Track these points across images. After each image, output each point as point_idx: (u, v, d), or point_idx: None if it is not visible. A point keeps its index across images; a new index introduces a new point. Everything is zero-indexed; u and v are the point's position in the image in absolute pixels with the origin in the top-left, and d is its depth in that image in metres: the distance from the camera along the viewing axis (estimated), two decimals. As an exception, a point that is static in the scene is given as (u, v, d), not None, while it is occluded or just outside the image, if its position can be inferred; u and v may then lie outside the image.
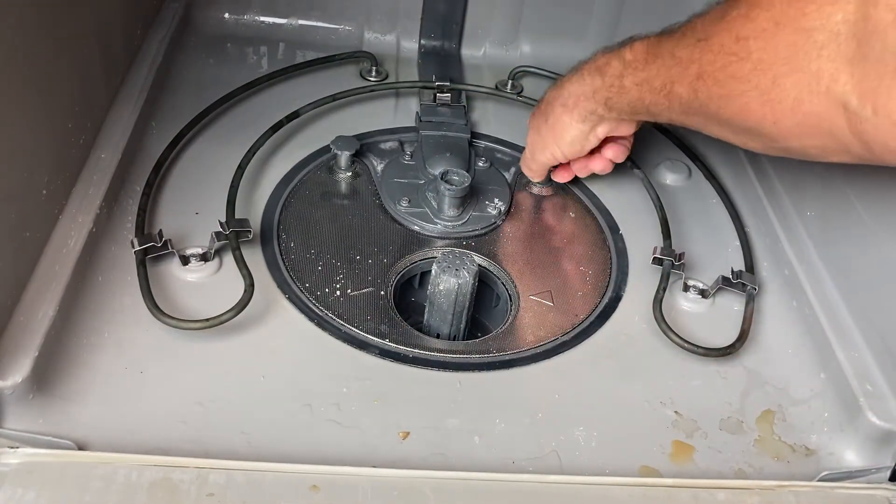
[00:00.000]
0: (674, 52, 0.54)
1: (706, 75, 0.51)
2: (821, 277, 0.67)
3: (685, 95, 0.53)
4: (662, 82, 0.56)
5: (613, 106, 0.63)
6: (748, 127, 0.50)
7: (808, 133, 0.46)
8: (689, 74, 0.52)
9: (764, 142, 0.51)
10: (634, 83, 0.59)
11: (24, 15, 0.53)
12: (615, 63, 0.61)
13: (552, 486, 0.50)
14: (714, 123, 0.54)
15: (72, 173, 0.63)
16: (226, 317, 0.56)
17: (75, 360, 0.55)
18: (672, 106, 0.56)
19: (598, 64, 0.63)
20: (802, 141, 0.48)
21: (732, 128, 0.52)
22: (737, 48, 0.48)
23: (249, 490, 0.46)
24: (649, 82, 0.57)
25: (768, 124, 0.48)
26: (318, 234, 0.68)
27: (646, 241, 0.71)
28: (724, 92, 0.50)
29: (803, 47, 0.43)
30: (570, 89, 0.66)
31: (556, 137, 0.68)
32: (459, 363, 0.60)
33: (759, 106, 0.47)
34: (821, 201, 0.70)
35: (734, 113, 0.50)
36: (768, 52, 0.46)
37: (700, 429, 0.58)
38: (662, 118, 0.59)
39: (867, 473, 0.55)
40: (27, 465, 0.46)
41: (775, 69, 0.45)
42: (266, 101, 0.83)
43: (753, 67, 0.47)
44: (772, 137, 0.49)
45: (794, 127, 0.47)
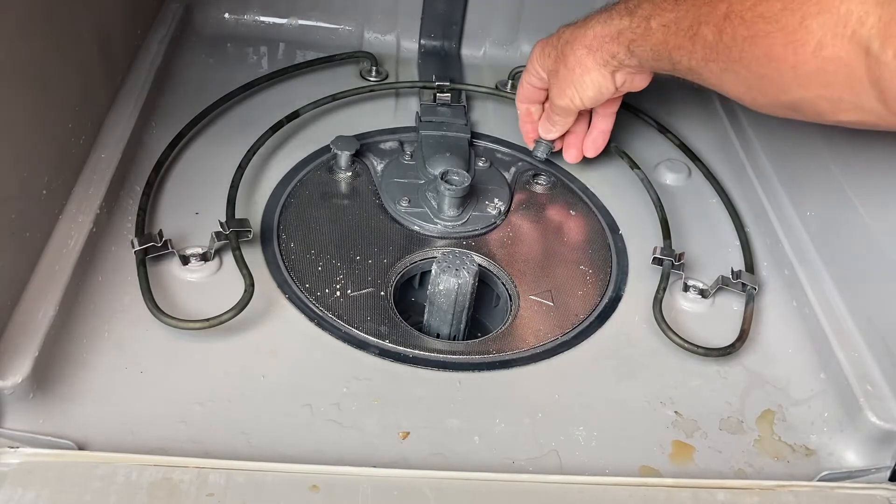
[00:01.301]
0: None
1: (734, 14, 0.51)
2: (821, 277, 0.67)
3: (710, 37, 0.53)
4: (690, 23, 0.55)
5: (636, 50, 0.62)
6: (766, 72, 0.50)
7: (825, 80, 0.47)
8: (718, 14, 0.52)
9: (776, 91, 0.51)
10: (661, 24, 0.58)
11: (25, 15, 0.53)
12: (646, 4, 0.60)
13: (552, 486, 0.50)
14: (731, 70, 0.53)
15: (72, 173, 0.63)
16: (226, 317, 0.56)
17: (75, 360, 0.55)
18: (695, 49, 0.56)
19: (629, 5, 0.62)
20: (817, 90, 0.48)
21: (749, 74, 0.52)
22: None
23: (249, 490, 0.46)
24: (677, 23, 0.57)
25: (787, 67, 0.48)
26: (318, 234, 0.68)
27: (646, 241, 0.71)
28: (750, 33, 0.50)
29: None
30: (595, 30, 0.64)
31: (576, 81, 0.67)
32: (459, 363, 0.60)
33: (782, 48, 0.48)
34: (821, 201, 0.70)
35: (755, 56, 0.50)
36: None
37: (700, 429, 0.58)
38: (682, 66, 0.59)
39: (867, 473, 0.55)
40: (27, 465, 0.46)
41: (805, 8, 0.46)
42: (266, 101, 0.83)
43: (783, 7, 0.47)
44: (787, 84, 0.49)
45: (813, 73, 0.47)
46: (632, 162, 0.79)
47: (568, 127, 0.74)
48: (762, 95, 0.53)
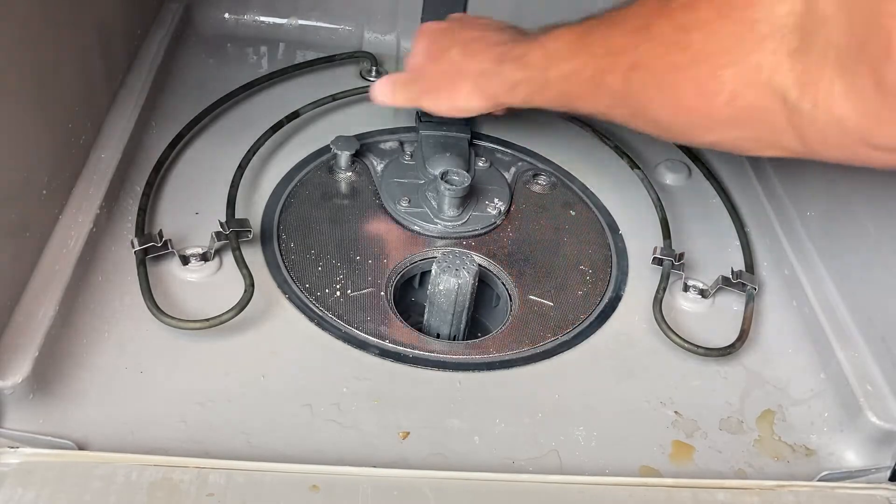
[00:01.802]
0: (607, 40, 0.52)
1: (641, 65, 0.49)
2: (821, 277, 0.67)
3: (616, 86, 0.51)
4: (593, 72, 0.53)
5: (532, 101, 0.60)
6: (679, 120, 0.49)
7: (742, 126, 0.45)
8: (623, 64, 0.50)
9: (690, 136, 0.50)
10: (560, 75, 0.56)
11: (25, 15, 0.53)
12: (536, 54, 0.58)
13: (552, 486, 0.50)
14: (641, 116, 0.52)
15: (72, 173, 0.63)
16: (226, 317, 0.56)
17: (75, 360, 0.55)
18: (599, 97, 0.53)
19: (515, 54, 0.59)
20: (735, 133, 0.47)
21: (660, 121, 0.50)
22: (677, 38, 0.46)
23: (249, 490, 0.46)
24: (578, 73, 0.54)
25: (700, 116, 0.47)
26: (318, 234, 0.68)
27: (646, 241, 0.71)
28: (659, 83, 0.48)
29: (746, 38, 0.42)
30: (488, 79, 0.61)
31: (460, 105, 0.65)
32: (459, 363, 0.60)
33: (694, 98, 0.46)
34: (821, 201, 0.70)
35: (666, 105, 0.48)
36: (710, 42, 0.44)
37: (700, 429, 0.58)
38: (585, 110, 0.57)
39: (867, 473, 0.55)
40: (27, 465, 0.46)
41: (715, 60, 0.44)
42: (266, 101, 0.82)
43: (693, 58, 0.45)
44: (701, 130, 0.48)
45: (728, 119, 0.45)
46: (632, 162, 0.79)
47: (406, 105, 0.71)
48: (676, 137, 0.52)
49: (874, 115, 0.38)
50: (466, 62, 0.63)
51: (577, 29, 0.55)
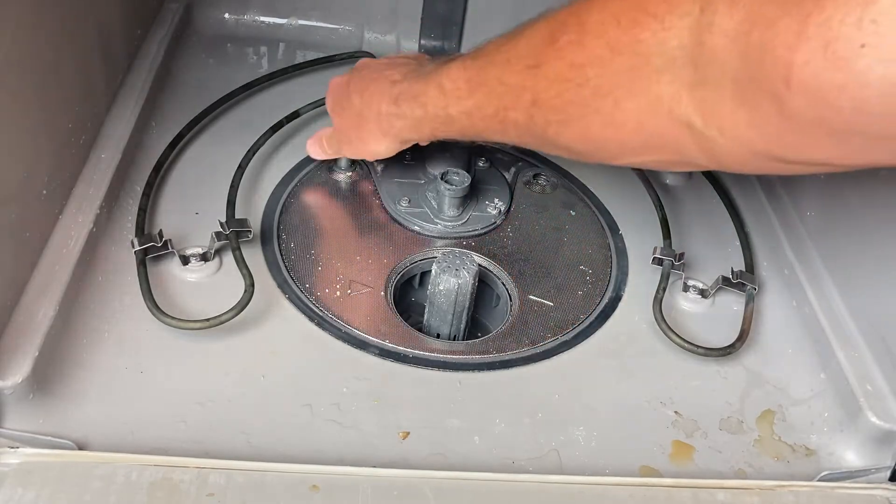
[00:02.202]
0: (501, 78, 0.51)
1: (542, 102, 0.48)
2: (821, 277, 0.67)
3: (521, 120, 0.50)
4: (495, 109, 0.52)
5: (440, 134, 0.60)
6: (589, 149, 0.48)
7: (655, 151, 0.45)
8: (524, 101, 0.49)
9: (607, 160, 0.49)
10: (462, 112, 0.55)
11: (24, 15, 0.53)
12: (433, 92, 0.57)
13: (552, 486, 0.50)
14: (552, 146, 0.51)
15: (72, 173, 0.63)
16: (226, 317, 0.56)
17: (75, 360, 0.55)
18: (507, 131, 0.53)
19: (412, 94, 0.59)
20: (647, 157, 0.46)
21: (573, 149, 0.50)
22: (572, 75, 0.45)
23: (249, 490, 0.46)
24: (480, 110, 0.54)
25: (612, 144, 0.47)
26: (319, 234, 0.68)
27: (646, 241, 0.71)
28: (563, 117, 0.47)
29: (642, 72, 0.42)
30: (390, 122, 0.61)
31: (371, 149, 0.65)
32: (459, 363, 0.60)
33: (601, 129, 0.46)
34: (821, 201, 0.70)
35: (575, 136, 0.48)
36: (607, 77, 0.44)
37: (700, 429, 0.58)
38: (493, 140, 0.56)
39: (867, 473, 0.55)
40: (27, 465, 0.46)
41: (616, 93, 0.44)
42: (266, 101, 0.83)
43: (593, 93, 0.45)
44: (613, 155, 0.48)
45: (640, 146, 0.45)
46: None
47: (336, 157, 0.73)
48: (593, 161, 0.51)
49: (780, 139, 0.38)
50: (365, 108, 0.63)
51: (472, 65, 0.54)
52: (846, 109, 0.34)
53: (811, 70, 0.34)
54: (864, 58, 0.32)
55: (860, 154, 0.38)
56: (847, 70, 0.33)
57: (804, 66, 0.34)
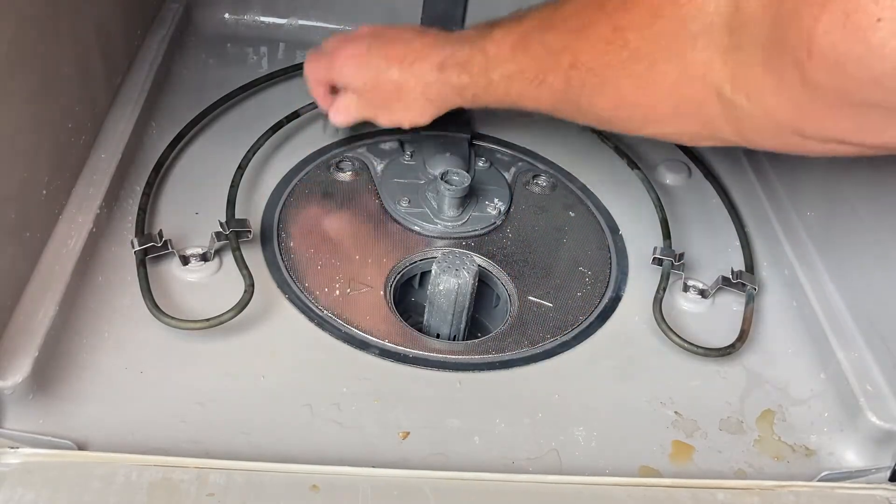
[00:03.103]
0: (544, 41, 0.53)
1: (580, 64, 0.50)
2: (821, 277, 0.67)
3: (558, 85, 0.52)
4: (535, 72, 0.54)
5: (480, 101, 0.61)
6: (620, 115, 0.50)
7: (681, 119, 0.47)
8: (563, 63, 0.51)
9: (633, 129, 0.51)
10: (504, 76, 0.57)
11: (24, 15, 0.53)
12: (479, 58, 0.58)
13: (552, 486, 0.50)
14: (584, 113, 0.53)
15: (72, 173, 0.63)
16: (226, 317, 0.56)
17: (75, 360, 0.55)
18: (542, 97, 0.55)
19: (459, 59, 0.60)
20: (674, 127, 0.48)
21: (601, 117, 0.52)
22: (614, 37, 0.47)
23: (249, 490, 0.46)
24: (521, 73, 0.55)
25: (641, 110, 0.48)
26: (319, 234, 0.68)
27: (646, 241, 0.71)
28: (599, 80, 0.49)
29: (679, 36, 0.44)
30: (436, 88, 0.62)
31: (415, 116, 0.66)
32: (459, 363, 0.60)
33: (634, 91, 0.47)
34: (821, 201, 0.70)
35: (607, 101, 0.50)
36: (646, 41, 0.46)
37: (700, 429, 0.58)
38: (529, 108, 0.58)
39: (867, 473, 0.55)
40: (27, 465, 0.46)
41: (653, 56, 0.46)
42: (266, 101, 0.83)
43: (630, 56, 0.47)
44: (642, 124, 0.49)
45: (670, 111, 0.47)
46: (632, 162, 0.79)
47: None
48: (620, 129, 0.53)
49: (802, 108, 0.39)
50: (410, 77, 0.64)
51: (517, 30, 0.56)
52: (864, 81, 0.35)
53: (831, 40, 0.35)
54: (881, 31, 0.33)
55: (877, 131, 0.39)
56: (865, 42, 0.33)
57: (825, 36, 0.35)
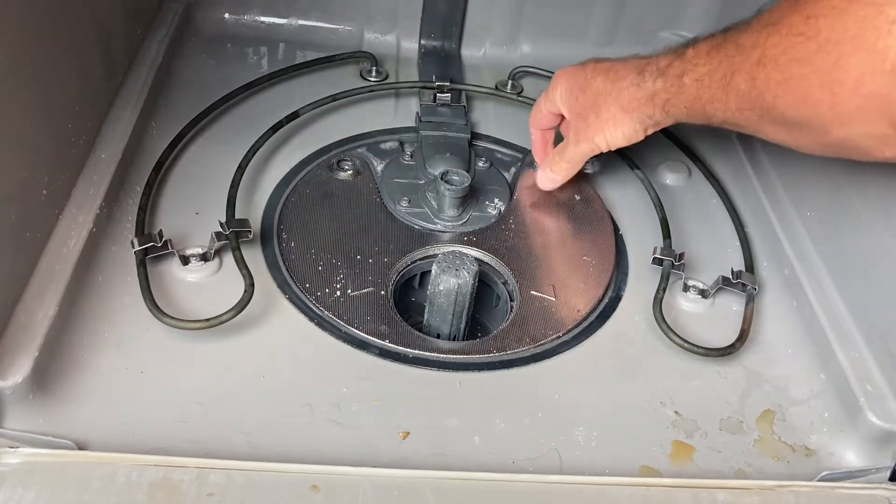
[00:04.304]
0: (738, 40, 0.54)
1: (767, 60, 0.50)
2: (821, 277, 0.67)
3: (743, 85, 0.53)
4: (723, 73, 0.55)
5: (671, 109, 0.62)
6: (803, 116, 0.50)
7: (867, 118, 0.46)
8: (751, 61, 0.52)
9: (817, 134, 0.50)
10: (694, 79, 0.58)
11: (25, 15, 0.53)
12: (677, 63, 0.60)
13: (552, 486, 0.50)
14: (768, 117, 0.53)
15: (72, 173, 0.63)
16: (226, 317, 0.56)
17: (75, 360, 0.55)
18: (728, 100, 0.55)
19: (660, 66, 0.62)
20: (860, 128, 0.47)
21: (787, 119, 0.51)
22: (805, 27, 0.47)
23: (249, 490, 0.46)
24: (710, 75, 0.56)
25: (825, 109, 0.47)
26: (318, 234, 0.68)
27: (646, 241, 0.71)
28: (784, 77, 0.49)
29: (873, 22, 0.43)
30: (630, 93, 0.64)
31: (608, 131, 0.66)
32: (459, 363, 0.60)
33: (818, 88, 0.47)
34: (821, 201, 0.70)
35: (791, 101, 0.50)
36: (836, 29, 0.45)
37: (700, 429, 0.58)
38: (717, 117, 0.58)
39: (867, 473, 0.55)
40: (27, 465, 0.46)
41: (841, 47, 0.45)
42: (266, 101, 0.83)
43: (818, 48, 0.46)
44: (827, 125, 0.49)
45: (853, 110, 0.46)
46: (632, 162, 0.79)
47: (575, 172, 0.73)
48: (803, 138, 0.52)
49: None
50: (609, 85, 0.65)
51: (718, 36, 0.57)
52: None
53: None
54: None
55: None
56: None
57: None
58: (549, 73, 0.90)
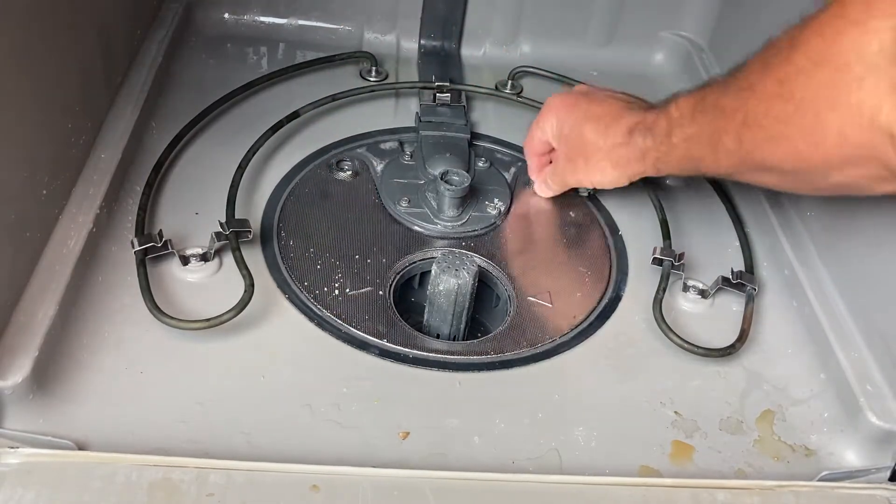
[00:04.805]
0: (719, 103, 0.55)
1: (751, 121, 0.51)
2: (821, 277, 0.67)
3: (731, 145, 0.54)
4: (710, 133, 0.56)
5: (662, 167, 0.63)
6: (797, 167, 0.50)
7: (858, 164, 0.47)
8: (735, 122, 0.53)
9: (814, 179, 0.51)
10: (682, 139, 0.59)
11: (25, 15, 0.53)
12: (662, 122, 0.61)
13: (552, 486, 0.50)
14: (761, 170, 0.54)
15: (72, 173, 0.63)
16: (226, 317, 0.56)
17: (75, 360, 0.55)
18: (719, 158, 0.56)
19: (647, 123, 0.63)
20: (854, 172, 0.48)
21: (780, 171, 0.52)
22: (779, 91, 0.48)
23: (249, 490, 0.46)
24: (698, 137, 0.57)
25: (817, 160, 0.48)
26: (318, 234, 0.68)
27: (646, 241, 0.71)
28: (769, 135, 0.50)
29: (842, 81, 0.44)
30: (620, 152, 0.65)
31: (596, 179, 0.68)
32: (459, 363, 0.60)
33: (805, 145, 0.48)
34: (821, 201, 0.70)
35: (780, 156, 0.50)
36: (809, 90, 0.46)
37: (700, 429, 0.58)
38: (710, 172, 0.59)
39: (867, 473, 0.55)
40: (27, 465, 0.46)
41: (816, 105, 0.46)
42: (266, 101, 0.82)
43: (796, 108, 0.47)
44: (821, 173, 0.49)
45: (842, 160, 0.47)
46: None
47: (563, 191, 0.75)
48: (800, 183, 0.54)
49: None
50: (599, 138, 0.66)
51: (696, 94, 0.58)
52: None
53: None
54: None
55: None
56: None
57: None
58: (549, 73, 0.91)
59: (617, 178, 0.67)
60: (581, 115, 0.68)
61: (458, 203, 0.70)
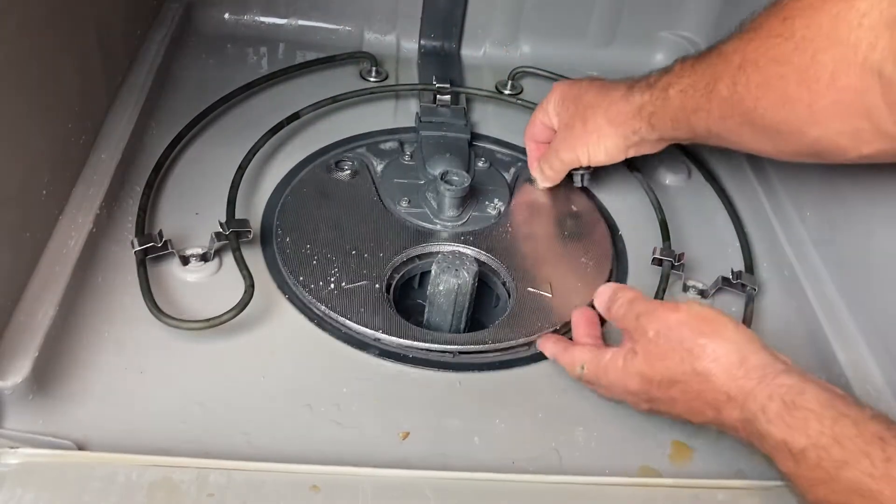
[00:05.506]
0: (721, 48, 0.56)
1: (748, 63, 0.52)
2: (820, 278, 0.67)
3: (725, 91, 0.55)
4: (707, 81, 0.57)
5: (656, 123, 0.63)
6: (781, 118, 0.51)
7: (842, 113, 0.48)
8: (732, 66, 0.54)
9: (795, 136, 0.52)
10: (679, 90, 0.60)
11: (25, 15, 0.53)
12: (665, 77, 0.62)
13: (552, 486, 0.50)
14: (748, 122, 0.55)
15: (72, 173, 0.63)
16: (226, 317, 0.56)
17: (75, 360, 0.55)
18: (711, 108, 0.57)
19: (649, 80, 0.63)
20: (835, 125, 0.49)
21: (766, 124, 0.53)
22: (782, 28, 0.50)
23: (249, 490, 0.46)
24: (694, 86, 0.58)
25: (803, 107, 0.49)
26: (318, 233, 0.68)
27: (645, 241, 0.71)
28: (763, 78, 0.51)
29: (845, 17, 0.45)
30: (619, 106, 0.65)
31: (591, 143, 0.68)
32: (459, 363, 0.60)
33: (796, 87, 0.49)
34: (820, 202, 0.70)
35: (770, 102, 0.51)
36: (812, 27, 0.48)
37: (700, 429, 0.58)
38: (700, 128, 0.60)
39: (867, 473, 0.55)
40: (27, 465, 0.46)
41: (816, 44, 0.47)
42: (266, 101, 0.82)
43: (795, 47, 0.49)
44: (804, 126, 0.50)
45: (829, 106, 0.48)
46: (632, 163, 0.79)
47: (560, 179, 0.74)
48: (782, 142, 0.54)
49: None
50: (599, 98, 0.67)
51: (703, 51, 0.59)
52: None
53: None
54: None
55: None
56: None
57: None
58: (549, 73, 0.90)
59: (612, 140, 0.66)
60: (585, 86, 0.69)
61: (458, 203, 0.70)
